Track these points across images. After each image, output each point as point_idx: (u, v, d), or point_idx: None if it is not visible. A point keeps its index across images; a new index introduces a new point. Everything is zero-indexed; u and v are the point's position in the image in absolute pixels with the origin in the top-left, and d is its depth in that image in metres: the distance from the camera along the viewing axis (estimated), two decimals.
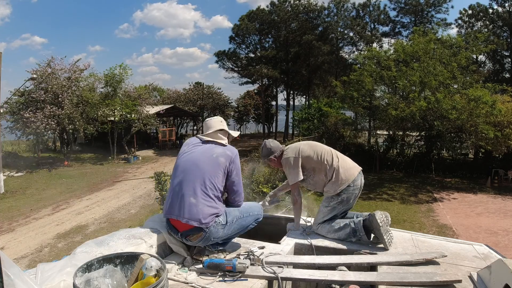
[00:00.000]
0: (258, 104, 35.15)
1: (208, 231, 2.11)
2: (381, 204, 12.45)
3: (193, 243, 2.17)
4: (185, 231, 2.13)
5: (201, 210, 2.07)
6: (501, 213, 11.37)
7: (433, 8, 25.54)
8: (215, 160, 2.18)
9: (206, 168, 2.15)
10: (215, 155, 2.19)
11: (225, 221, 2.17)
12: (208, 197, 2.11)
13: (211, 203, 2.11)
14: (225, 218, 2.17)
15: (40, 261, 7.63)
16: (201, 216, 2.07)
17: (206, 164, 2.16)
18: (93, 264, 1.60)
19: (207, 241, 2.16)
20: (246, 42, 29.97)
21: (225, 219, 2.17)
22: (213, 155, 2.19)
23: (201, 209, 2.07)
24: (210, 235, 2.13)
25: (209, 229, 2.11)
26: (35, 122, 17.07)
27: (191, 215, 2.07)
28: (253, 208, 2.38)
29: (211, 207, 2.11)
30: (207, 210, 2.09)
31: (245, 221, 2.29)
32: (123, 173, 17.68)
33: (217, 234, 2.15)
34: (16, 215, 11.17)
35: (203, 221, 2.07)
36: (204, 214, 2.07)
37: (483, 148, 15.37)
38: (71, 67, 19.49)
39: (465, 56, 14.95)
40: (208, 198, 2.11)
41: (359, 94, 16.53)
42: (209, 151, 2.22)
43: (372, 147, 20.34)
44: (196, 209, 2.07)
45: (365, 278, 1.95)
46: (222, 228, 2.16)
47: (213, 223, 2.11)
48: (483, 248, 2.44)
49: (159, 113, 23.62)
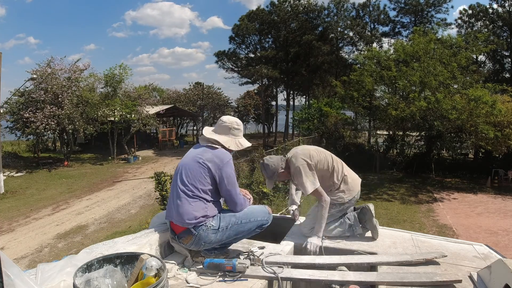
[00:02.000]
0: (258, 104, 35.14)
1: (197, 234, 2.09)
2: (381, 204, 12.45)
3: (186, 246, 2.17)
4: (179, 233, 2.15)
5: (186, 211, 2.07)
6: (501, 213, 11.37)
7: (433, 8, 25.52)
8: (201, 165, 2.13)
9: (192, 171, 2.13)
10: (202, 160, 2.14)
11: (217, 226, 2.12)
12: (192, 199, 2.09)
13: (196, 204, 2.09)
14: (218, 222, 2.12)
15: (40, 261, 7.63)
16: (185, 217, 2.07)
17: (192, 167, 2.15)
18: (93, 264, 1.60)
19: (198, 245, 2.14)
20: (246, 42, 29.97)
21: (218, 224, 2.12)
22: (200, 160, 2.14)
23: (186, 209, 2.07)
24: (200, 239, 2.10)
25: (198, 233, 2.09)
26: (35, 122, 17.06)
27: (178, 216, 2.09)
28: (256, 214, 2.25)
29: (199, 209, 2.08)
30: (192, 211, 2.07)
31: (244, 227, 2.19)
32: (123, 173, 17.68)
33: (208, 239, 2.11)
34: (16, 215, 11.17)
35: (189, 222, 2.06)
36: (188, 215, 2.07)
37: (483, 148, 15.38)
38: (71, 67, 19.48)
39: (465, 56, 14.95)
40: (192, 200, 2.09)
41: (359, 94, 16.53)
42: (198, 155, 2.18)
43: (372, 147, 20.34)
44: (181, 210, 2.08)
45: (365, 278, 1.95)
46: (214, 233, 2.11)
47: (203, 227, 2.09)
48: (483, 248, 2.44)
49: (159, 113, 23.62)
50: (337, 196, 2.61)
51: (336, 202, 2.61)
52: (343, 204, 2.62)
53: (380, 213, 10.90)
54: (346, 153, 18.28)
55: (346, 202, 2.62)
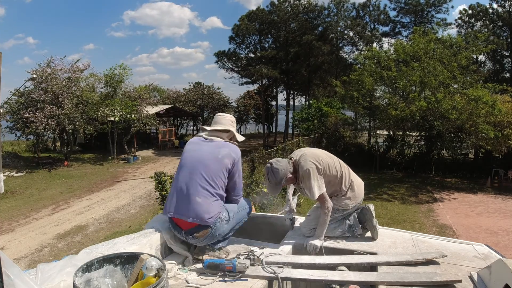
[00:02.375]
0: (258, 104, 35.15)
1: (214, 227, 2.14)
2: (381, 204, 12.45)
3: (198, 241, 2.16)
4: (190, 229, 2.13)
5: (207, 209, 2.09)
6: (501, 213, 11.38)
7: (433, 8, 25.52)
8: (220, 160, 2.19)
9: (212, 167, 2.16)
10: (221, 156, 2.20)
11: (228, 216, 2.21)
12: (213, 196, 2.14)
13: (216, 202, 2.15)
14: (228, 213, 2.22)
15: (40, 261, 7.63)
16: (207, 215, 2.09)
17: (212, 163, 2.17)
18: (93, 264, 1.60)
19: (212, 238, 2.17)
20: (246, 42, 29.96)
21: (228, 214, 2.21)
22: (219, 156, 2.20)
23: (207, 208, 2.10)
24: (216, 231, 2.15)
25: (215, 226, 2.14)
26: (35, 122, 17.06)
27: (197, 214, 2.08)
28: (244, 202, 2.45)
29: (216, 206, 2.15)
30: (212, 209, 2.12)
31: (241, 214, 2.35)
32: (123, 173, 17.68)
33: (222, 231, 2.19)
34: (16, 215, 11.17)
35: (210, 219, 2.10)
36: (210, 213, 2.10)
37: (483, 148, 15.38)
38: (71, 67, 19.48)
39: (465, 56, 14.95)
40: (213, 197, 2.14)
41: (359, 94, 16.53)
42: (215, 151, 2.23)
43: (372, 147, 20.35)
44: (202, 208, 2.09)
45: (365, 278, 1.95)
46: (226, 224, 2.21)
47: (218, 219, 2.15)
48: (483, 248, 2.43)
49: (159, 113, 23.61)
50: (343, 203, 2.57)
51: (341, 208, 2.58)
52: (346, 210, 2.61)
53: (380, 213, 10.90)
54: (346, 153, 18.29)
55: (350, 209, 2.61)
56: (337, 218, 2.62)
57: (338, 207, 2.56)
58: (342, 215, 2.62)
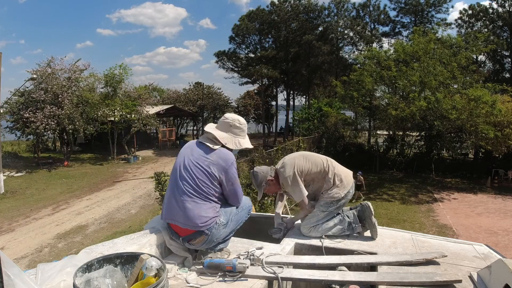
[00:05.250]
0: (258, 104, 35.14)
1: (210, 233, 2.09)
2: (381, 204, 12.45)
3: (196, 247, 2.15)
4: (186, 235, 2.11)
5: (198, 215, 2.04)
6: (501, 213, 11.38)
7: (433, 8, 25.54)
8: (205, 168, 2.09)
9: (197, 175, 2.08)
10: (206, 163, 2.10)
11: (226, 220, 2.16)
12: (205, 202, 2.08)
13: (208, 206, 2.08)
14: (224, 217, 2.16)
15: (40, 261, 7.63)
16: (198, 221, 2.04)
17: (197, 171, 2.09)
18: (93, 264, 1.60)
19: (210, 243, 2.14)
20: (246, 42, 29.99)
21: (225, 218, 2.16)
22: (204, 163, 2.10)
23: (198, 213, 2.04)
24: (213, 237, 2.11)
25: (211, 232, 2.09)
26: (35, 122, 17.06)
27: (189, 220, 2.04)
28: (244, 201, 2.34)
29: (210, 211, 2.08)
30: (205, 214, 2.06)
31: (240, 215, 2.28)
32: (123, 173, 17.68)
33: (220, 235, 2.14)
34: (16, 215, 11.17)
35: (202, 225, 2.05)
36: (202, 218, 2.05)
37: (483, 148, 15.39)
38: (71, 67, 19.48)
39: (465, 56, 14.96)
40: (205, 203, 2.08)
41: (359, 94, 16.53)
42: (201, 158, 2.12)
43: (372, 147, 20.35)
44: (192, 213, 2.04)
45: (365, 278, 1.95)
46: (224, 228, 2.15)
47: (214, 225, 2.09)
48: (483, 248, 2.43)
49: (159, 113, 23.60)
50: (333, 192, 2.65)
51: (333, 199, 2.64)
52: (339, 200, 2.65)
53: (380, 213, 10.90)
54: (346, 153, 18.31)
55: (342, 198, 2.65)
56: (333, 212, 2.65)
57: (330, 200, 2.65)
58: (337, 208, 2.66)
